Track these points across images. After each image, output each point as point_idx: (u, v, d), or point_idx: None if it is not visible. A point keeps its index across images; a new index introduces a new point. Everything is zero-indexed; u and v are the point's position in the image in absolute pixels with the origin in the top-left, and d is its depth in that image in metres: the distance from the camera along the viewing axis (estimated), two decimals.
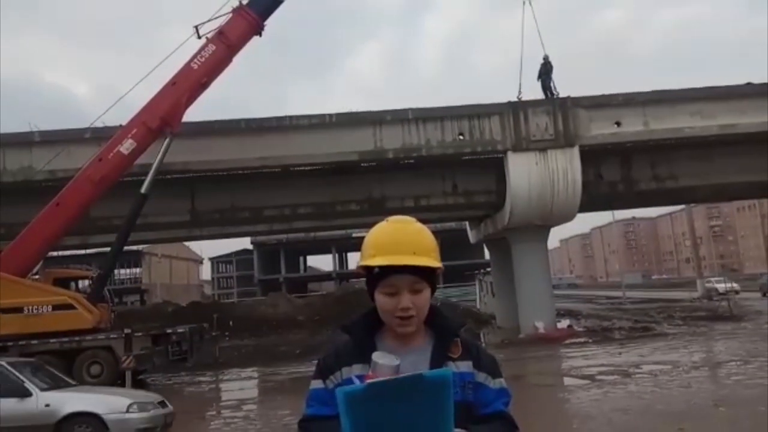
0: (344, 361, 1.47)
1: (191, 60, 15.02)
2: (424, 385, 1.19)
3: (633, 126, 17.83)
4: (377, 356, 1.31)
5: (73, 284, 15.48)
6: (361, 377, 1.37)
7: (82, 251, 28.65)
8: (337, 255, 61.50)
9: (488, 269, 29.25)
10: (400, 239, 1.43)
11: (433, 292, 1.47)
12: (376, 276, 1.45)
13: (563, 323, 21.12)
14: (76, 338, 13.39)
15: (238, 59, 15.73)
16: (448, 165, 18.82)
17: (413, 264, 1.41)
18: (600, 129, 17.85)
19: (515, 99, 18.39)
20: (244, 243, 59.53)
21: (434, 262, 1.45)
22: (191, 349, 14.64)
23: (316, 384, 1.49)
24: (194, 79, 14.91)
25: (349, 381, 1.41)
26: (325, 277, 64.67)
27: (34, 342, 13.24)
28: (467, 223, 25.31)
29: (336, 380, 1.45)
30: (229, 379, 15.13)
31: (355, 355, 1.46)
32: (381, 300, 1.45)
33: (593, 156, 18.33)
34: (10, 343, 13.19)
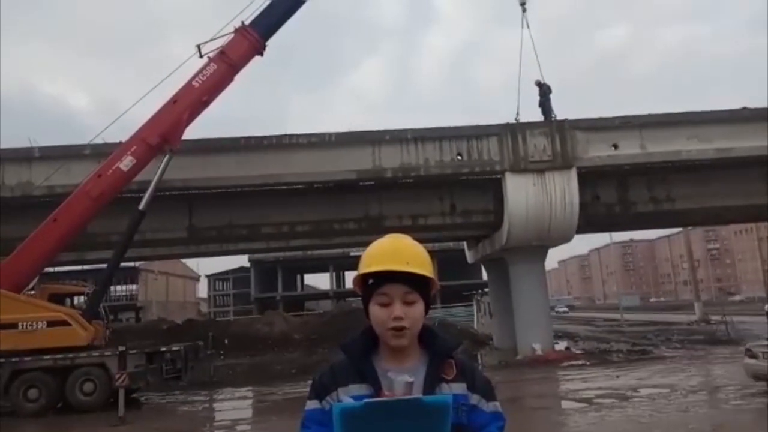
0: (340, 381, 1.47)
1: (193, 78, 15.14)
2: (422, 409, 1.19)
3: (630, 149, 17.95)
4: (393, 374, 1.33)
5: (68, 300, 15.35)
6: (359, 398, 1.37)
7: (79, 267, 28.56)
8: (334, 273, 61.29)
9: (486, 289, 29.19)
10: (395, 251, 1.48)
11: (427, 308, 1.49)
12: (370, 287, 1.47)
13: (561, 345, 21.01)
14: (70, 355, 13.27)
15: (240, 78, 15.87)
16: (446, 185, 18.88)
17: (406, 270, 1.43)
18: (597, 151, 17.96)
19: (514, 120, 18.55)
20: (242, 261, 59.31)
21: (427, 271, 1.47)
22: (186, 367, 14.50)
23: (312, 404, 1.49)
24: (195, 98, 15.01)
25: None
26: (322, 295, 64.37)
27: (27, 358, 13.12)
28: (465, 243, 25.29)
29: (332, 400, 1.45)
30: (224, 398, 14.97)
31: (351, 375, 1.46)
32: (374, 312, 1.47)
33: (590, 178, 18.43)
34: (2, 360, 13.08)
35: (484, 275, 28.74)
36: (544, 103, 18.93)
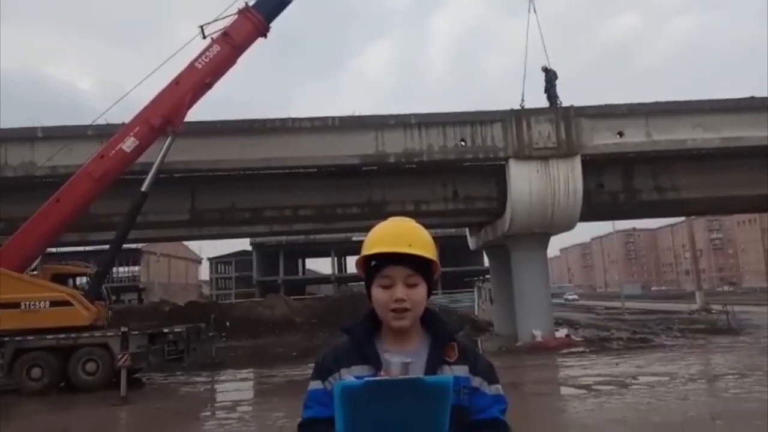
0: (343, 362, 1.47)
1: (195, 60, 15.04)
2: (423, 389, 1.18)
3: (635, 137, 17.84)
4: (389, 355, 1.32)
5: (71, 281, 15.42)
6: (360, 378, 1.36)
7: (81, 248, 28.68)
8: (336, 258, 61.47)
9: (487, 276, 29.25)
10: (397, 233, 1.48)
11: (429, 291, 1.48)
12: (373, 270, 1.46)
13: (561, 332, 21.07)
14: (73, 335, 13.36)
15: (243, 60, 15.76)
16: (449, 171, 18.82)
17: (408, 252, 1.43)
18: (602, 139, 17.85)
19: (519, 107, 18.42)
20: (244, 244, 59.54)
21: (429, 254, 1.46)
22: (188, 348, 14.59)
23: (315, 385, 1.49)
24: (198, 79, 14.92)
25: None
26: (324, 280, 64.62)
27: (30, 338, 13.22)
28: (467, 229, 25.29)
29: (335, 381, 1.44)
30: (225, 379, 15.09)
31: (354, 356, 1.46)
32: (377, 294, 1.47)
33: (595, 165, 18.33)
34: (6, 339, 13.18)
35: (486, 262, 28.80)
36: (550, 90, 18.79)
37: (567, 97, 18.81)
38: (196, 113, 15.88)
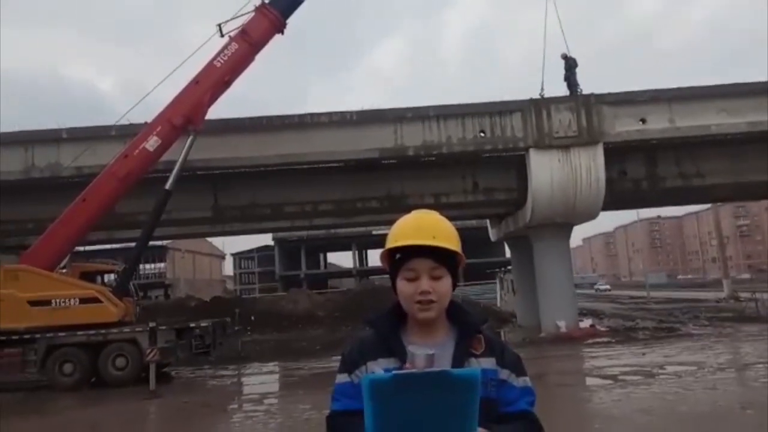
0: (369, 354, 1.48)
1: (214, 58, 15.18)
2: (451, 382, 1.19)
3: (658, 123, 17.53)
4: (414, 347, 1.33)
5: (99, 278, 15.75)
6: (387, 371, 1.38)
7: (108, 246, 29.20)
8: (357, 252, 61.67)
9: (509, 267, 29.07)
10: (421, 225, 1.49)
11: (454, 283, 1.49)
12: (397, 263, 1.48)
13: (585, 322, 20.89)
14: (102, 331, 13.64)
15: (261, 57, 15.86)
16: (469, 162, 18.72)
17: (432, 245, 1.43)
18: (625, 126, 17.58)
19: (538, 95, 18.22)
20: (266, 239, 60.04)
21: (454, 246, 1.47)
22: (214, 342, 14.82)
23: (342, 378, 1.51)
24: (217, 78, 15.07)
25: None
26: (346, 273, 64.88)
27: (61, 334, 13.54)
28: (488, 221, 25.16)
29: (361, 374, 1.46)
30: (251, 373, 15.30)
31: (379, 348, 1.48)
32: (402, 286, 1.48)
33: (617, 153, 18.07)
34: (38, 335, 13.53)
35: (507, 253, 28.61)
36: (570, 77, 18.53)
37: (587, 85, 18.55)
38: (216, 111, 16.04)
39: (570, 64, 18.64)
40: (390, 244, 1.50)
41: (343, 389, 1.49)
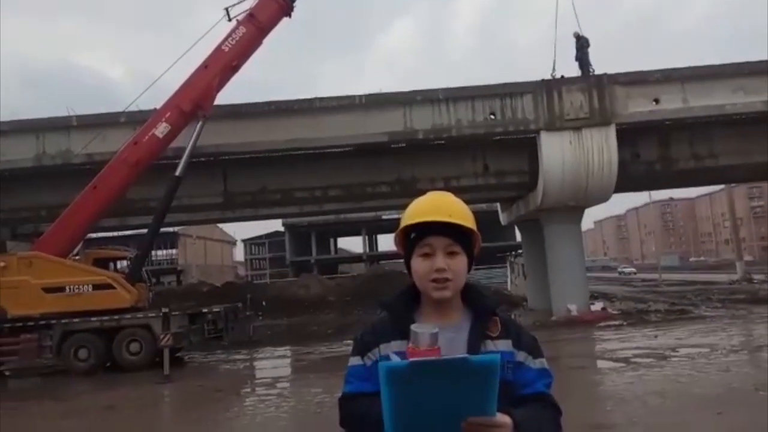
0: (382, 337, 1.46)
1: (222, 43, 15.12)
2: (470, 369, 1.16)
3: (672, 103, 17.25)
4: (416, 326, 1.29)
5: (111, 264, 15.90)
6: (400, 354, 1.36)
7: (120, 233, 29.43)
8: (367, 237, 61.76)
9: (519, 251, 29.00)
10: (436, 204, 1.47)
11: (470, 264, 1.46)
12: (412, 242, 1.45)
13: (597, 306, 20.84)
14: (116, 317, 13.81)
15: (269, 40, 15.77)
16: (479, 145, 18.59)
17: (448, 221, 1.41)
18: (637, 106, 17.33)
19: (549, 76, 17.98)
20: (276, 225, 60.27)
21: (470, 224, 1.44)
22: (226, 327, 14.96)
23: (355, 361, 1.49)
24: (225, 62, 15.02)
25: (388, 357, 1.40)
26: (356, 258, 65.08)
27: (76, 320, 13.72)
28: (498, 204, 25.04)
29: (374, 357, 1.45)
30: (263, 357, 15.43)
31: (393, 331, 1.45)
32: (417, 264, 1.45)
33: (630, 134, 17.84)
34: (53, 321, 13.71)
35: (518, 237, 28.52)
36: (582, 57, 18.23)
37: (599, 65, 18.21)
38: (225, 96, 16.02)
39: (582, 44, 18.35)
40: (405, 222, 1.48)
41: (355, 372, 1.48)
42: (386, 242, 70.49)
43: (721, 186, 45.56)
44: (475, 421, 1.18)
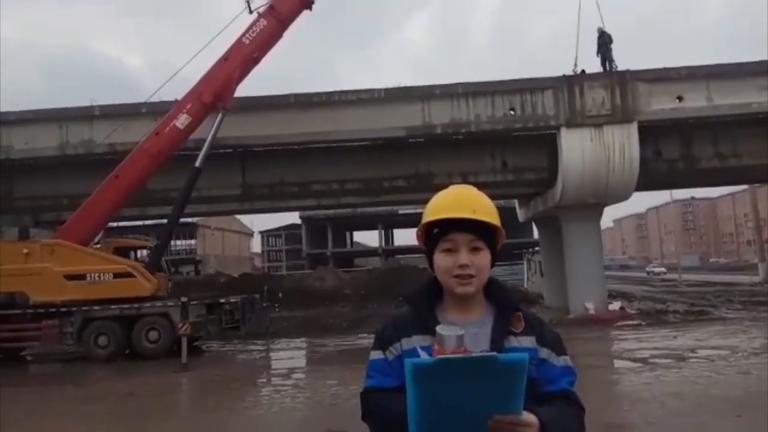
0: (404, 331, 1.45)
1: (243, 35, 15.19)
2: (498, 367, 1.15)
3: (695, 101, 16.96)
4: (441, 328, 1.28)
5: (132, 253, 16.11)
6: (426, 349, 1.35)
7: (141, 222, 29.80)
8: (383, 231, 61.82)
9: (537, 248, 28.77)
10: (460, 199, 1.45)
11: (494, 260, 1.44)
12: (435, 237, 1.44)
13: (615, 305, 20.63)
14: (136, 305, 14.02)
15: (289, 33, 15.80)
16: (498, 141, 18.45)
17: (472, 218, 1.39)
18: (660, 104, 17.06)
19: (571, 72, 17.78)
20: (293, 218, 60.58)
21: (494, 220, 1.43)
22: (243, 318, 15.09)
23: (376, 355, 1.48)
24: (246, 54, 15.09)
25: (410, 352, 1.39)
26: (372, 252, 65.18)
27: (96, 308, 13.94)
28: (516, 201, 24.87)
29: (396, 351, 1.44)
30: (279, 348, 15.55)
31: (415, 326, 1.44)
32: (440, 260, 1.44)
33: (652, 132, 17.58)
34: (74, 308, 13.95)
35: (535, 233, 28.30)
36: (604, 53, 17.99)
37: (620, 61, 17.95)
38: (245, 89, 16.09)
39: (605, 40, 18.10)
40: (428, 217, 1.46)
41: (376, 366, 1.47)
42: (402, 236, 70.53)
43: (744, 186, 44.73)
44: (502, 420, 1.18)
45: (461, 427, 1.19)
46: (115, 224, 23.01)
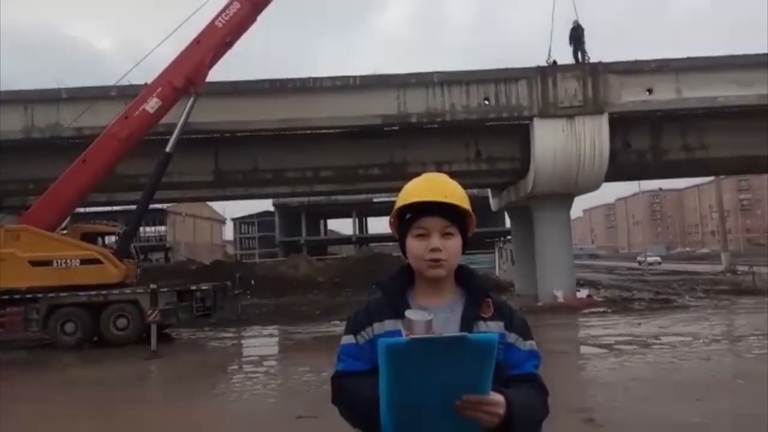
0: (376, 316, 1.48)
1: (216, 18, 14.91)
2: (467, 347, 1.18)
3: (665, 94, 17.32)
4: (410, 313, 1.31)
5: (100, 240, 15.81)
6: (394, 333, 1.37)
7: (109, 208, 29.25)
8: (357, 219, 61.80)
9: (508, 237, 29.16)
10: (432, 185, 1.49)
11: (465, 245, 1.47)
12: (408, 222, 1.47)
13: (582, 293, 21.07)
14: (104, 292, 13.77)
15: (263, 17, 15.57)
16: (472, 130, 18.58)
17: (444, 201, 1.43)
18: (631, 96, 17.38)
19: (545, 62, 17.95)
20: (267, 205, 60.17)
21: (465, 205, 1.47)
22: (215, 305, 14.97)
23: (347, 339, 1.51)
24: (218, 38, 14.83)
25: (381, 337, 1.41)
26: (345, 240, 65.18)
27: (63, 294, 13.67)
28: (489, 190, 25.12)
29: (367, 336, 1.47)
30: (251, 336, 15.49)
31: (386, 311, 1.47)
32: (411, 245, 1.47)
33: (622, 124, 17.91)
34: (40, 295, 13.65)
35: (508, 223, 28.67)
36: (577, 45, 18.21)
37: (593, 53, 18.19)
38: (217, 74, 15.84)
39: (578, 33, 18.31)
40: (401, 202, 1.49)
41: (348, 350, 1.49)
42: (376, 225, 70.63)
43: (711, 178, 45.95)
44: (470, 399, 1.21)
45: (431, 408, 1.22)
46: (82, 210, 22.54)
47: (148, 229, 58.77)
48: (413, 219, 1.47)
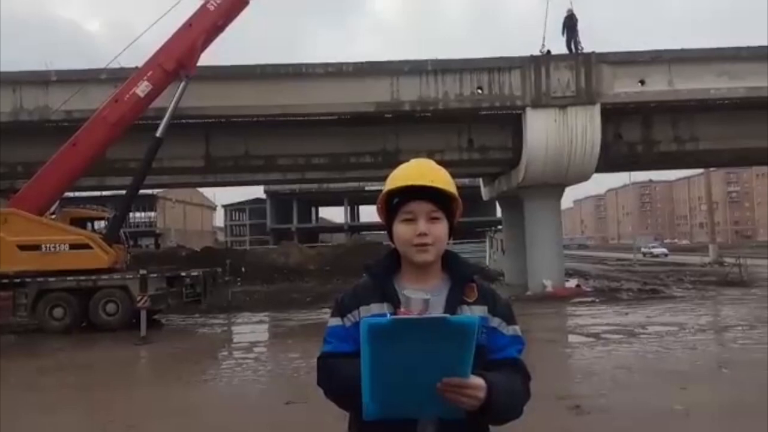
0: (363, 300, 1.49)
1: (208, 1, 14.75)
2: (449, 328, 1.19)
3: (657, 85, 17.38)
4: (409, 292, 1.34)
5: (89, 225, 15.70)
6: (380, 317, 1.38)
7: (98, 193, 28.98)
8: (349, 207, 61.74)
9: (499, 227, 29.27)
10: (420, 170, 1.51)
11: (451, 230, 1.49)
12: (395, 207, 1.48)
13: (571, 282, 21.24)
14: (93, 277, 13.71)
15: (255, 1, 15.42)
16: (465, 119, 18.56)
17: (431, 185, 1.45)
18: (623, 87, 17.42)
19: (538, 52, 17.93)
20: (258, 192, 59.93)
21: (451, 189, 1.49)
22: (205, 291, 14.96)
23: (334, 322, 1.52)
24: (210, 21, 14.69)
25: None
26: (337, 228, 65.16)
27: (51, 279, 13.58)
28: (480, 179, 25.15)
29: (354, 318, 1.48)
30: (241, 322, 15.50)
31: (373, 294, 1.49)
32: (399, 229, 1.49)
33: (614, 115, 17.97)
34: (28, 279, 13.57)
35: (499, 212, 28.77)
36: (570, 35, 18.19)
37: (586, 44, 18.17)
38: (209, 58, 15.70)
39: (572, 22, 18.28)
40: (389, 186, 1.51)
41: (334, 332, 1.51)
42: (368, 213, 70.63)
43: (701, 170, 46.29)
44: (450, 382, 1.23)
45: (412, 389, 1.23)
46: (71, 194, 22.31)
47: (137, 214, 58.42)
48: (400, 204, 1.48)
